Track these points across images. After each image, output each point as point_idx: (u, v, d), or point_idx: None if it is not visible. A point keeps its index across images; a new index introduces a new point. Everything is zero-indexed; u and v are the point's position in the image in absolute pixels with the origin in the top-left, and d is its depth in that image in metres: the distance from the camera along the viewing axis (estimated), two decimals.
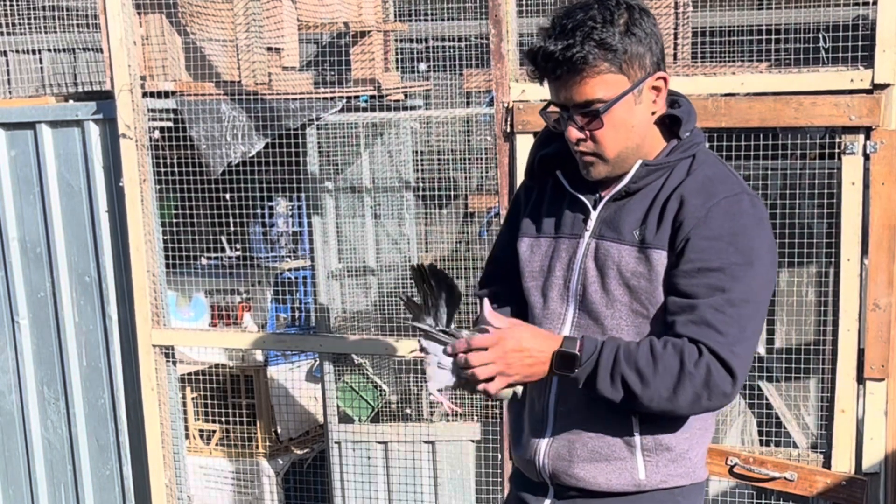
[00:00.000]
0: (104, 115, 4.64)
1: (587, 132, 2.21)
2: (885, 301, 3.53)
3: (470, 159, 5.52)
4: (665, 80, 2.22)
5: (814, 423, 4.20)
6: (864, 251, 3.55)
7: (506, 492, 2.76)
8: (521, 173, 3.23)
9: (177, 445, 4.73)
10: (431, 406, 5.41)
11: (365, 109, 5.15)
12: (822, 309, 3.90)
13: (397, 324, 4.97)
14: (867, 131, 3.47)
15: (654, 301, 2.23)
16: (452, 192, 5.60)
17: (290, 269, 6.42)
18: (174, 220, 4.99)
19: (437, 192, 5.60)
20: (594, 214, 2.31)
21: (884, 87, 3.48)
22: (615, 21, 2.14)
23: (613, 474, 2.29)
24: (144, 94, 4.52)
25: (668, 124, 2.28)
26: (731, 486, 4.03)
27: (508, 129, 3.88)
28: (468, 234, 5.69)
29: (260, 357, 5.78)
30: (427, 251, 5.75)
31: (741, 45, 4.70)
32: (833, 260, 3.68)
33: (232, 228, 5.91)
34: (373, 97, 5.23)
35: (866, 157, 3.49)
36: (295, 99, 4.74)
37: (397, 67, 5.88)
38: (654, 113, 2.24)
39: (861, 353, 3.60)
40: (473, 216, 5.71)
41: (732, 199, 2.18)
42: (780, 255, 3.23)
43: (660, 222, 2.21)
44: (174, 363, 4.72)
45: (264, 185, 5.42)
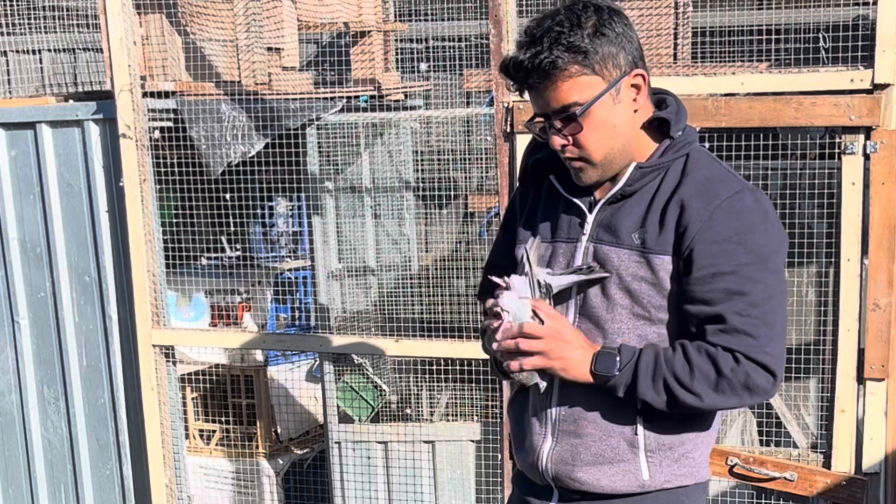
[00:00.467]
0: (104, 115, 4.65)
1: (569, 137, 2.21)
2: (885, 301, 3.53)
3: (470, 159, 5.51)
4: (643, 76, 2.21)
5: (814, 423, 4.19)
6: (864, 251, 3.55)
7: (506, 492, 2.76)
8: None
9: (177, 445, 4.74)
10: (431, 406, 5.40)
11: (365, 109, 5.15)
12: (822, 309, 3.89)
13: (397, 324, 4.97)
14: (867, 131, 3.47)
15: (656, 304, 2.23)
16: (452, 192, 5.59)
17: (290, 269, 6.42)
18: (174, 220, 4.99)
19: (437, 192, 5.59)
20: (590, 218, 2.30)
21: (884, 87, 3.47)
22: (583, 24, 2.14)
23: (617, 476, 2.29)
24: (144, 94, 4.52)
25: (658, 126, 2.27)
26: (731, 486, 4.03)
27: (508, 129, 3.88)
28: (468, 234, 5.68)
29: (260, 357, 5.77)
30: (427, 251, 5.74)
31: (741, 45, 4.69)
32: (833, 260, 3.68)
33: (232, 228, 5.90)
34: (373, 97, 5.23)
35: (866, 157, 3.49)
36: (295, 99, 4.74)
37: (397, 67, 5.88)
38: (636, 111, 2.24)
39: (861, 353, 3.60)
40: (473, 216, 5.69)
41: (734, 198, 2.18)
42: None
43: (661, 227, 2.20)
44: (174, 363, 4.72)
45: (264, 185, 5.43)
